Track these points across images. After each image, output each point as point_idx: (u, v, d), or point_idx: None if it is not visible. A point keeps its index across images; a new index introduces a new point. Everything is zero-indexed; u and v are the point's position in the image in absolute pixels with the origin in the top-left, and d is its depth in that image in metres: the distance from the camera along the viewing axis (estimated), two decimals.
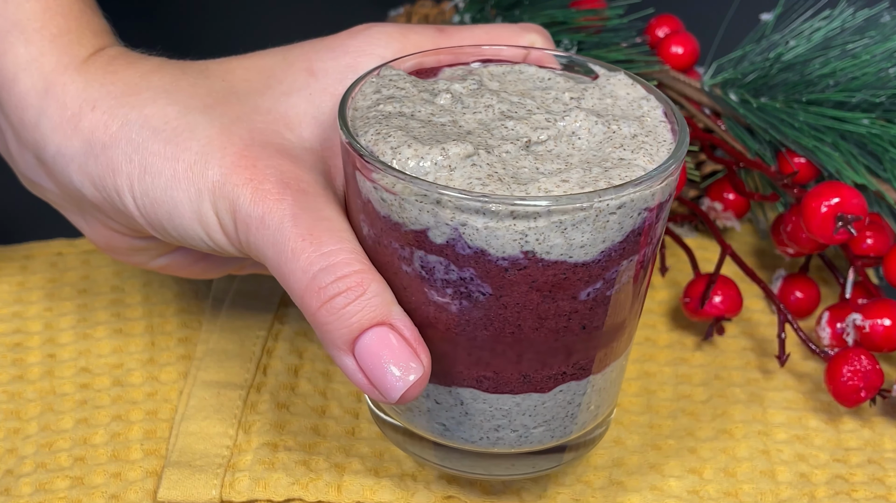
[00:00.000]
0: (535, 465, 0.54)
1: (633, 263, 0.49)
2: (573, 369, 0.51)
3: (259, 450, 0.58)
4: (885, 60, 0.69)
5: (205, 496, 0.56)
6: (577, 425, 0.53)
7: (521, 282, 0.47)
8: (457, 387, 0.51)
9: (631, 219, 0.47)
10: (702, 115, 0.71)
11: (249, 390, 0.62)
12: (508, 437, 0.52)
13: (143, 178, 0.52)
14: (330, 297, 0.47)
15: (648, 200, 0.48)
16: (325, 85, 0.54)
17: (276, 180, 0.50)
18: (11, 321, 0.66)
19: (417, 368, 0.47)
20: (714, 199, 0.71)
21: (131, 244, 0.56)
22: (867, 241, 0.66)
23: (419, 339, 0.48)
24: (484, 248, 0.46)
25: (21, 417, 0.60)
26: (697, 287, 0.65)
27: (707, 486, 0.58)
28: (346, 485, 0.57)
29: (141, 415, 0.60)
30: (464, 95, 0.51)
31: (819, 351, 0.62)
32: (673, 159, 0.49)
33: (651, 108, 0.52)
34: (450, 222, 0.46)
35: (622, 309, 0.50)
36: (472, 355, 0.50)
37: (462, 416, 0.52)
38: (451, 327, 0.49)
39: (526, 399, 0.51)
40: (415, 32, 0.55)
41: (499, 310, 0.48)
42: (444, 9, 0.81)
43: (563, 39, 0.71)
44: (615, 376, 0.54)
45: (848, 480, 0.59)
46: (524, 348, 0.49)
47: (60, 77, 0.53)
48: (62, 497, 0.56)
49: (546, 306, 0.48)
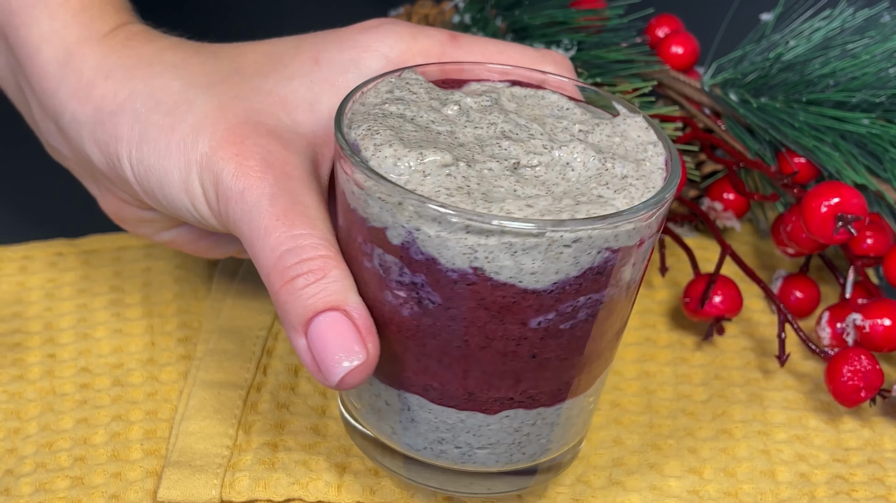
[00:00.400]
0: (491, 488, 0.54)
1: (595, 302, 0.48)
2: (521, 397, 0.50)
3: (259, 449, 0.58)
4: (884, 60, 0.69)
5: (205, 496, 0.56)
6: (526, 455, 0.53)
7: (469, 297, 0.47)
8: (405, 391, 0.51)
9: (589, 255, 0.47)
10: (702, 115, 0.71)
11: (249, 390, 0.62)
12: (451, 453, 0.52)
13: (140, 145, 0.53)
14: (292, 278, 0.48)
15: (611, 241, 0.47)
16: (326, 74, 0.55)
17: (261, 159, 0.51)
18: (11, 321, 0.66)
19: (360, 355, 0.48)
20: (714, 199, 0.71)
21: (138, 215, 0.58)
22: (867, 240, 0.66)
23: (370, 330, 0.48)
24: (435, 257, 0.47)
25: (21, 417, 0.60)
26: (697, 287, 0.65)
27: (707, 486, 0.58)
28: (346, 485, 0.57)
29: (141, 415, 0.60)
30: (472, 110, 0.52)
31: (819, 351, 0.63)
32: (643, 206, 0.47)
33: (655, 153, 0.51)
34: (405, 224, 0.47)
35: (580, 346, 0.50)
36: (421, 362, 0.50)
37: (408, 422, 0.52)
38: (402, 330, 0.49)
39: (470, 417, 0.51)
40: (425, 35, 0.55)
41: (447, 322, 0.48)
42: (444, 9, 0.81)
43: (563, 39, 0.71)
44: (574, 414, 0.53)
45: (848, 480, 0.59)
46: (470, 365, 0.49)
47: (81, 48, 0.55)
48: (62, 497, 0.56)
49: (493, 327, 0.48)
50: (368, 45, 0.55)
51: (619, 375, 0.64)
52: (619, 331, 0.52)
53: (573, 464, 0.58)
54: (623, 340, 0.66)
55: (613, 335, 0.51)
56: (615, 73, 0.70)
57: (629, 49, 0.72)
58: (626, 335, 0.66)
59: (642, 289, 0.69)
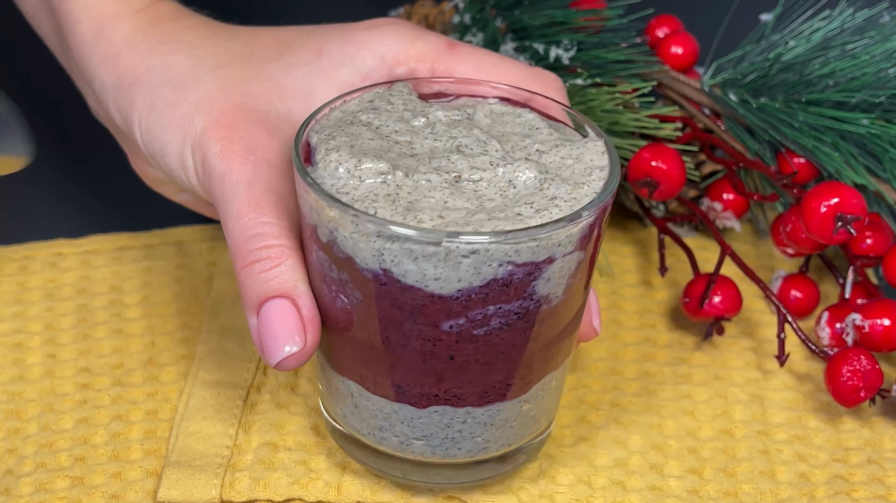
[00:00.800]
0: (429, 478, 0.56)
1: (508, 313, 0.50)
2: (447, 395, 0.53)
3: (259, 450, 0.58)
4: (884, 61, 0.69)
5: (205, 496, 0.56)
6: (462, 450, 0.55)
7: (384, 296, 0.50)
8: (347, 379, 0.54)
9: (490, 267, 0.48)
10: (701, 115, 0.71)
11: (249, 390, 0.62)
12: (391, 440, 0.55)
13: (149, 116, 0.58)
14: (252, 262, 0.52)
15: (512, 255, 0.48)
16: (324, 66, 0.57)
17: (245, 144, 0.55)
18: (12, 321, 0.66)
19: (299, 343, 0.52)
20: (714, 199, 0.71)
21: (157, 175, 0.62)
22: (867, 241, 0.66)
23: (313, 321, 0.52)
24: (352, 257, 0.50)
25: (21, 417, 0.60)
26: (697, 287, 0.65)
27: (707, 486, 0.58)
28: (346, 485, 0.57)
29: (141, 415, 0.60)
30: (440, 123, 0.54)
31: (819, 351, 0.63)
32: (546, 227, 0.49)
33: (599, 178, 0.52)
34: (328, 224, 0.50)
35: (500, 353, 0.51)
36: (355, 353, 0.52)
37: (353, 408, 0.55)
38: (337, 321, 0.52)
39: (402, 409, 0.53)
40: (423, 40, 0.57)
41: (369, 318, 0.51)
42: (444, 9, 0.81)
43: (562, 39, 0.71)
44: (507, 416, 0.54)
45: (847, 480, 0.59)
46: (394, 360, 0.52)
47: (113, 21, 0.60)
48: (62, 497, 0.56)
49: (409, 326, 0.50)
50: (367, 42, 0.57)
51: (619, 375, 0.64)
52: (552, 343, 0.53)
53: (573, 464, 0.59)
54: (623, 340, 0.66)
55: (544, 346, 0.53)
56: (615, 74, 0.71)
57: (629, 49, 0.72)
58: (626, 335, 0.66)
59: (642, 288, 0.69)
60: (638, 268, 0.71)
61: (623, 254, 0.72)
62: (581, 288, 0.53)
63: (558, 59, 0.70)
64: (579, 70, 0.70)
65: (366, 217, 0.48)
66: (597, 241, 0.52)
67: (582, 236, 0.50)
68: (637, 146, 0.67)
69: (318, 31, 0.59)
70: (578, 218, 0.49)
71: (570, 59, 0.70)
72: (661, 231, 0.68)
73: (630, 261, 0.71)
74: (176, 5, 0.62)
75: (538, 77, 0.58)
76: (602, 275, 0.70)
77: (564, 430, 0.60)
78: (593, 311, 0.57)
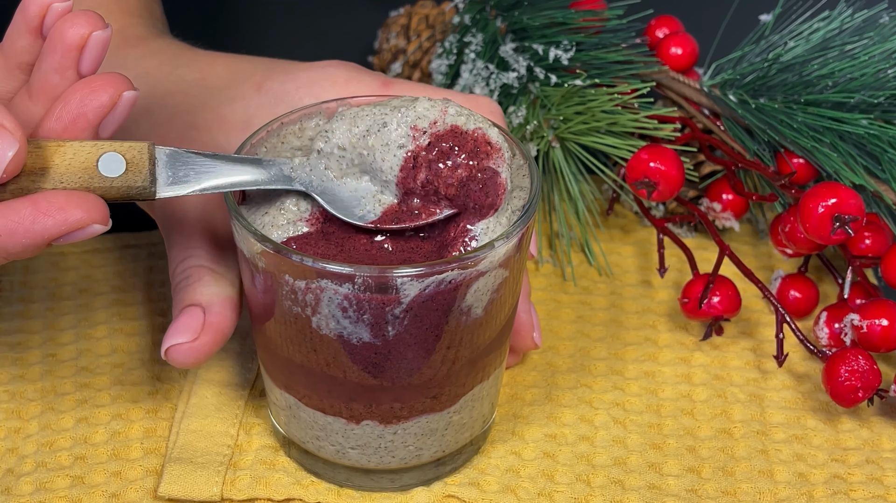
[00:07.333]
0: (393, 480, 0.57)
1: (425, 332, 0.52)
2: (378, 410, 0.54)
3: (260, 450, 0.58)
4: (883, 61, 0.69)
5: (206, 492, 0.56)
6: (396, 458, 0.56)
7: (270, 299, 0.53)
8: (285, 391, 0.56)
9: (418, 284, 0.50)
10: (701, 115, 0.71)
11: (251, 390, 0.62)
12: (328, 449, 0.56)
13: None
14: (178, 282, 0.57)
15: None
16: (262, 102, 0.60)
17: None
18: (12, 321, 0.66)
19: (187, 338, 0.55)
20: (713, 200, 0.71)
21: None
22: (865, 241, 0.66)
23: (213, 328, 0.55)
24: (242, 250, 0.53)
25: (22, 416, 0.60)
26: (696, 287, 0.65)
27: (706, 485, 0.58)
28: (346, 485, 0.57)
29: (141, 413, 0.60)
30: (307, 129, 0.57)
31: (817, 351, 0.63)
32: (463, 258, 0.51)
33: (519, 198, 0.54)
34: (254, 255, 0.52)
35: (389, 371, 0.53)
36: (286, 369, 0.55)
37: (293, 418, 0.57)
38: (271, 338, 0.55)
39: (336, 421, 0.55)
40: (358, 81, 0.60)
41: (277, 327, 0.54)
42: (444, 9, 0.81)
43: (562, 40, 0.71)
44: (437, 427, 0.56)
45: (846, 480, 0.59)
46: (305, 372, 0.54)
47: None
48: (63, 496, 0.56)
49: (293, 333, 0.53)
50: (305, 83, 0.60)
51: (620, 375, 0.64)
52: (477, 358, 0.54)
53: (573, 462, 0.59)
54: (623, 340, 0.66)
55: (468, 361, 0.54)
56: (614, 74, 0.71)
57: (628, 50, 0.72)
58: (626, 335, 0.66)
59: (642, 288, 0.69)
60: (637, 268, 0.71)
61: (623, 254, 0.72)
62: (506, 304, 0.54)
63: (558, 60, 0.70)
64: (579, 70, 0.70)
65: (287, 251, 0.51)
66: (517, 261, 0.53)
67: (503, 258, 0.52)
68: (636, 147, 0.67)
69: (266, 65, 0.62)
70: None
71: (569, 60, 0.70)
72: (660, 231, 0.68)
73: (630, 261, 0.71)
74: (146, 29, 0.65)
75: (474, 103, 0.60)
76: (602, 275, 0.70)
77: (565, 430, 0.60)
78: (535, 326, 0.60)
